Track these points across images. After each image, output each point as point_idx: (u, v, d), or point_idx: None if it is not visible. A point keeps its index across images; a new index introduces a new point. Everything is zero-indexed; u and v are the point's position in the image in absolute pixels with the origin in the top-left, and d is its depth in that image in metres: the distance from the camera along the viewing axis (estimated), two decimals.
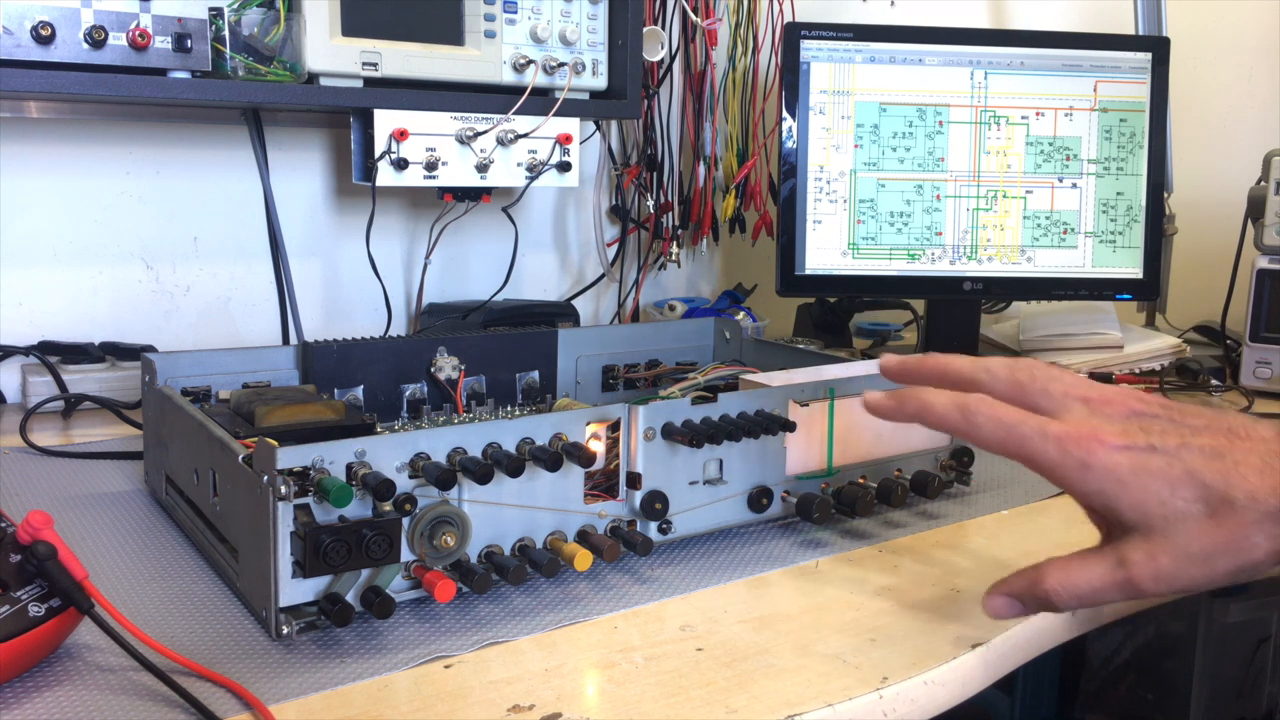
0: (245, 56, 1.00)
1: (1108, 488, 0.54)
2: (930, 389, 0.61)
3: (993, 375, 0.60)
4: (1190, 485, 0.52)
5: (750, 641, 0.61)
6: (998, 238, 1.33)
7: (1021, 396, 0.58)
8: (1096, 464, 0.54)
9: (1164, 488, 0.53)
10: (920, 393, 0.61)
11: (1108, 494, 0.54)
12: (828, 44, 1.28)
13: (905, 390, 0.62)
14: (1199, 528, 0.52)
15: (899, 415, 0.62)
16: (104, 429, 1.05)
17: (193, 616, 0.62)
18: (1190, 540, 0.52)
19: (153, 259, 1.21)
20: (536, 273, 1.47)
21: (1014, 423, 0.56)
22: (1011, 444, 0.56)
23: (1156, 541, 0.53)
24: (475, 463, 0.62)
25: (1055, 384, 0.58)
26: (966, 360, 0.62)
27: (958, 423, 0.58)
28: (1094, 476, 0.54)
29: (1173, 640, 1.22)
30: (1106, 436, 0.54)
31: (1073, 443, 0.54)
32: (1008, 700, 1.30)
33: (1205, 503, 0.52)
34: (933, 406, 0.60)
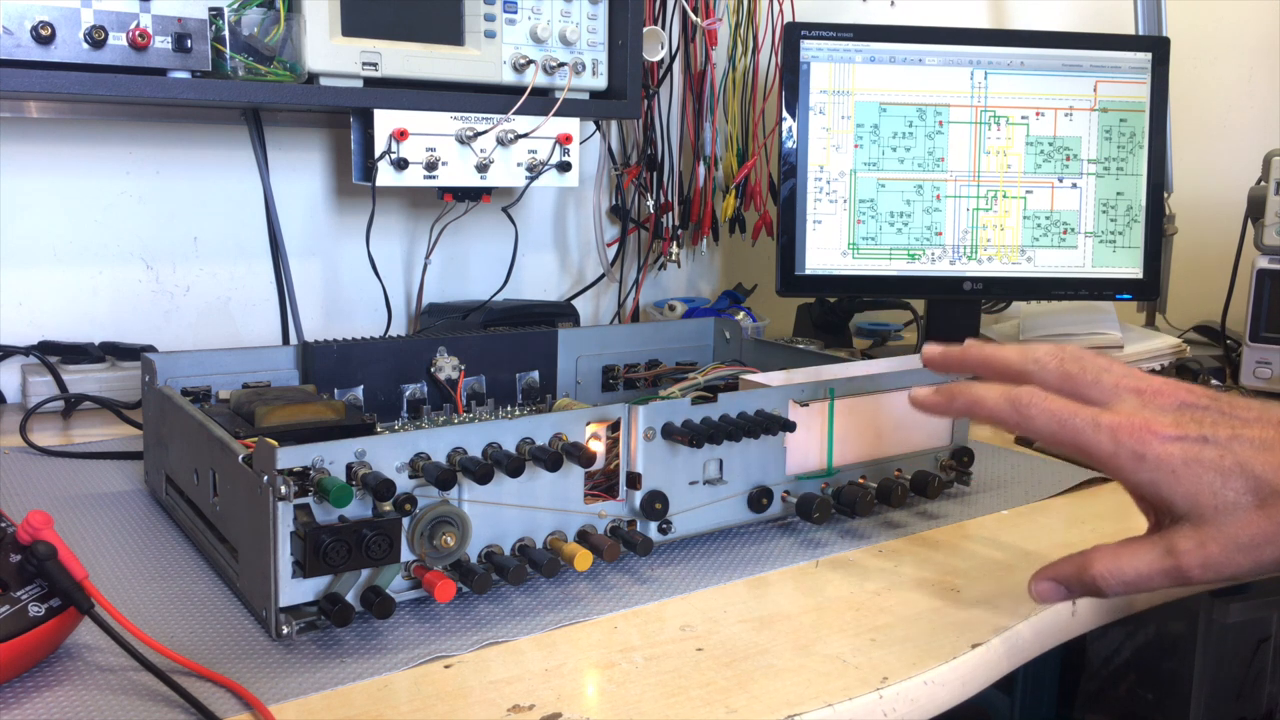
0: (245, 56, 1.00)
1: (1160, 478, 0.55)
2: (979, 383, 0.61)
3: (1042, 366, 0.60)
4: (1241, 476, 0.53)
5: (750, 641, 0.61)
6: (998, 238, 1.33)
7: (1072, 388, 0.59)
8: (1150, 454, 0.55)
9: (1216, 478, 0.54)
10: (970, 388, 0.61)
11: (1160, 484, 0.55)
12: (828, 44, 1.28)
13: (954, 385, 0.63)
14: (1248, 518, 0.53)
15: (949, 410, 0.63)
16: (104, 429, 1.05)
17: (193, 616, 0.62)
18: (1240, 530, 0.53)
19: (153, 259, 1.21)
20: (536, 273, 1.47)
21: (1067, 415, 0.57)
22: (1065, 436, 0.57)
23: (1206, 531, 0.54)
24: (475, 463, 0.62)
25: (1106, 375, 0.59)
26: (1013, 350, 0.62)
27: (1010, 417, 0.59)
28: (1147, 467, 0.55)
29: (1173, 640, 1.22)
30: (1160, 427, 0.55)
31: (1126, 433, 0.55)
32: (1008, 700, 1.30)
33: (1255, 494, 0.53)
34: (984, 401, 0.60)
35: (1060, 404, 0.58)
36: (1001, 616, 0.64)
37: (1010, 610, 0.65)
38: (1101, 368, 0.59)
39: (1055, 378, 0.59)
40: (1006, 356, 0.62)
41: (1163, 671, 1.24)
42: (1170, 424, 0.55)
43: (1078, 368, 0.59)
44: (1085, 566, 0.58)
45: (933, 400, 0.64)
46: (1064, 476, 0.91)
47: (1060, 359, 0.60)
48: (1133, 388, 0.58)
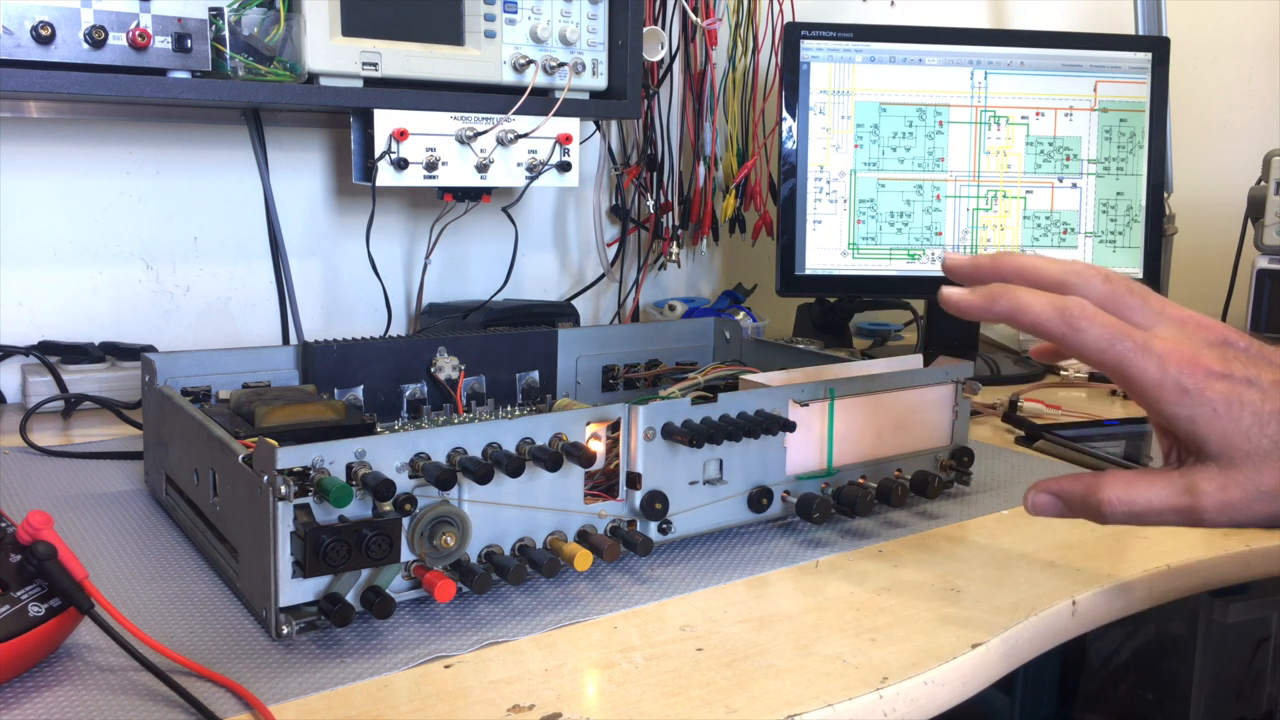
0: (245, 56, 1.00)
1: (1200, 414, 0.53)
2: (1023, 288, 0.57)
3: (1085, 280, 0.57)
4: (1278, 423, 0.52)
5: (750, 641, 0.61)
6: (998, 238, 1.33)
7: (1115, 306, 0.56)
8: (1195, 389, 0.53)
9: (1254, 423, 0.53)
10: (1013, 291, 0.56)
11: (1198, 420, 0.53)
12: (828, 44, 1.28)
13: (995, 286, 0.57)
14: (1276, 465, 0.52)
15: (987, 313, 0.57)
16: (104, 429, 1.05)
17: (193, 616, 0.62)
18: (1265, 478, 0.53)
19: (153, 259, 1.21)
20: (536, 273, 1.47)
21: (1119, 335, 0.54)
22: (1111, 356, 0.54)
23: (1231, 475, 0.53)
24: (475, 463, 0.62)
25: (1151, 299, 0.57)
26: (1051, 261, 0.58)
27: (1058, 327, 0.55)
28: (1190, 401, 0.53)
29: (1173, 640, 1.22)
30: (1208, 361, 0.54)
31: (1175, 363, 0.53)
32: (1008, 700, 1.30)
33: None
34: (1029, 306, 0.56)
35: (1111, 321, 0.54)
36: (1001, 616, 0.64)
37: (1010, 610, 0.65)
38: (1144, 291, 0.57)
39: (1100, 294, 0.56)
40: (1045, 267, 0.58)
41: (1163, 671, 1.24)
42: (1217, 360, 0.54)
43: (1123, 287, 0.57)
44: (1095, 489, 0.56)
45: (969, 300, 0.58)
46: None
47: (1104, 275, 0.57)
48: (1176, 316, 0.56)
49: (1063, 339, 0.55)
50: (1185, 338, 0.55)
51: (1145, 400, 0.55)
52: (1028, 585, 0.68)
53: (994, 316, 0.57)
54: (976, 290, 0.58)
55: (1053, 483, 0.59)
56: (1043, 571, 0.71)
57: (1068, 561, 0.73)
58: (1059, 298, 0.56)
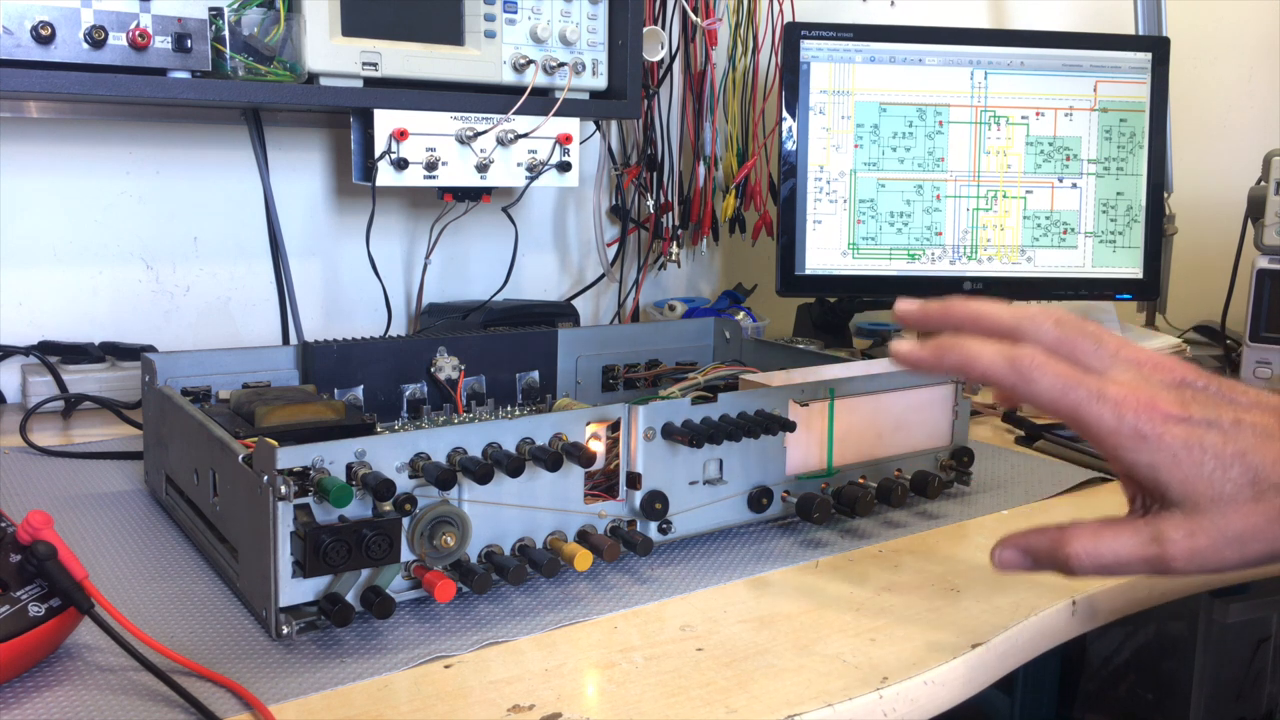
0: (245, 56, 1.00)
1: (1160, 460, 0.51)
2: (973, 338, 0.56)
3: (1037, 325, 0.55)
4: (1241, 466, 0.51)
5: (750, 641, 0.61)
6: (998, 238, 1.33)
7: (1069, 351, 0.54)
8: (1153, 434, 0.51)
9: (1216, 467, 0.51)
10: (963, 343, 0.55)
11: (1159, 467, 0.52)
12: (828, 44, 1.28)
13: (944, 339, 0.56)
14: (1242, 510, 0.51)
15: (938, 366, 0.56)
16: (104, 429, 1.05)
17: (193, 616, 0.62)
18: (1231, 522, 0.51)
19: (153, 259, 1.21)
20: (536, 273, 1.47)
21: (1072, 383, 0.52)
22: (1066, 404, 0.52)
23: (1197, 521, 0.51)
24: (475, 463, 0.62)
25: (1105, 343, 0.55)
26: (1002, 307, 0.57)
27: (1008, 378, 0.53)
28: (1149, 447, 0.51)
29: (1173, 640, 1.22)
30: (1165, 405, 0.52)
31: (1131, 409, 0.51)
32: (1008, 700, 1.30)
33: (1253, 485, 0.50)
34: (978, 358, 0.54)
35: (1065, 369, 0.53)
36: (1001, 616, 0.64)
37: (1010, 610, 0.65)
38: (1099, 335, 0.55)
39: (1052, 339, 0.55)
40: (996, 313, 0.56)
41: (1163, 671, 1.24)
42: (1175, 402, 0.52)
43: (1076, 331, 0.55)
44: (1061, 543, 0.54)
45: (919, 355, 0.56)
46: (1064, 476, 0.91)
47: (1055, 319, 0.55)
48: (1131, 359, 0.54)
49: (1014, 390, 0.54)
50: (1141, 381, 0.53)
51: (1104, 448, 0.53)
52: (1028, 585, 0.68)
53: (945, 370, 0.56)
54: (926, 344, 0.57)
55: (1019, 538, 0.57)
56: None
57: None
58: (1009, 347, 0.54)
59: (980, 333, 0.56)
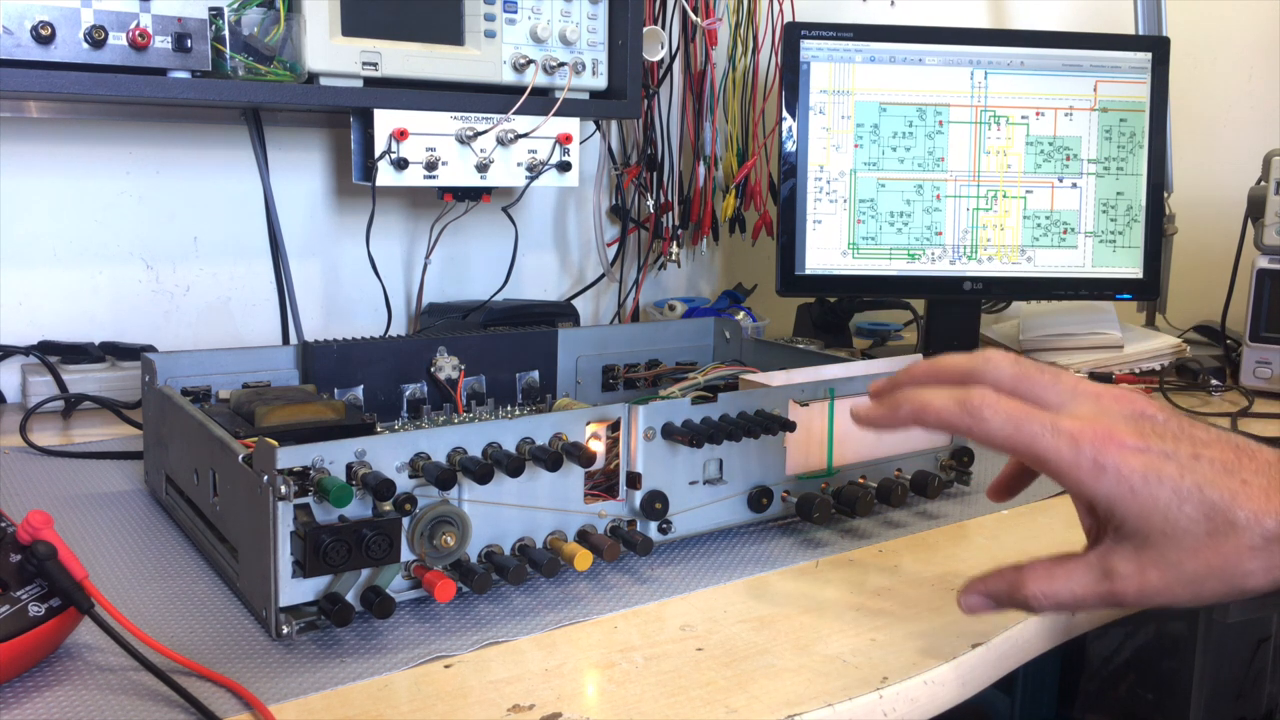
0: (245, 56, 1.00)
1: (1117, 491, 0.51)
2: (927, 388, 0.56)
3: (994, 367, 0.56)
4: (1197, 500, 0.50)
5: (750, 641, 0.61)
6: (998, 237, 1.33)
7: (1027, 389, 0.55)
8: (1111, 465, 0.51)
9: (1172, 499, 0.50)
10: (915, 392, 0.56)
11: (1115, 497, 0.51)
12: (828, 44, 1.28)
13: (898, 393, 0.57)
14: (1195, 547, 0.50)
15: (894, 421, 0.57)
16: (104, 429, 1.05)
17: (193, 616, 0.62)
18: (1184, 559, 0.50)
19: (153, 259, 1.21)
20: (536, 273, 1.47)
21: (1023, 418, 0.52)
22: (1020, 441, 0.52)
23: (1148, 556, 0.51)
24: (475, 463, 0.62)
25: (1062, 379, 0.55)
26: (960, 356, 0.58)
27: (959, 419, 0.54)
28: (1106, 479, 0.51)
29: (1173, 640, 1.22)
30: (1123, 436, 0.51)
31: (1088, 440, 0.51)
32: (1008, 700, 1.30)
33: (1208, 520, 0.49)
34: (930, 404, 0.55)
35: (1015, 405, 0.53)
36: (1001, 616, 0.64)
37: (1010, 611, 0.65)
38: (1055, 372, 0.56)
39: (1009, 379, 0.55)
40: (954, 360, 0.57)
41: (1163, 671, 1.24)
42: (1133, 433, 0.51)
43: (1034, 369, 0.55)
44: (1018, 585, 0.54)
45: (876, 413, 0.57)
46: None
47: (1013, 360, 0.56)
48: (1089, 392, 0.54)
49: (969, 431, 0.54)
50: (1100, 413, 0.53)
51: (1063, 480, 0.53)
52: None
53: (900, 423, 0.57)
54: (882, 400, 0.57)
55: (980, 583, 0.57)
56: None
57: None
58: (961, 389, 0.54)
59: (940, 381, 0.57)
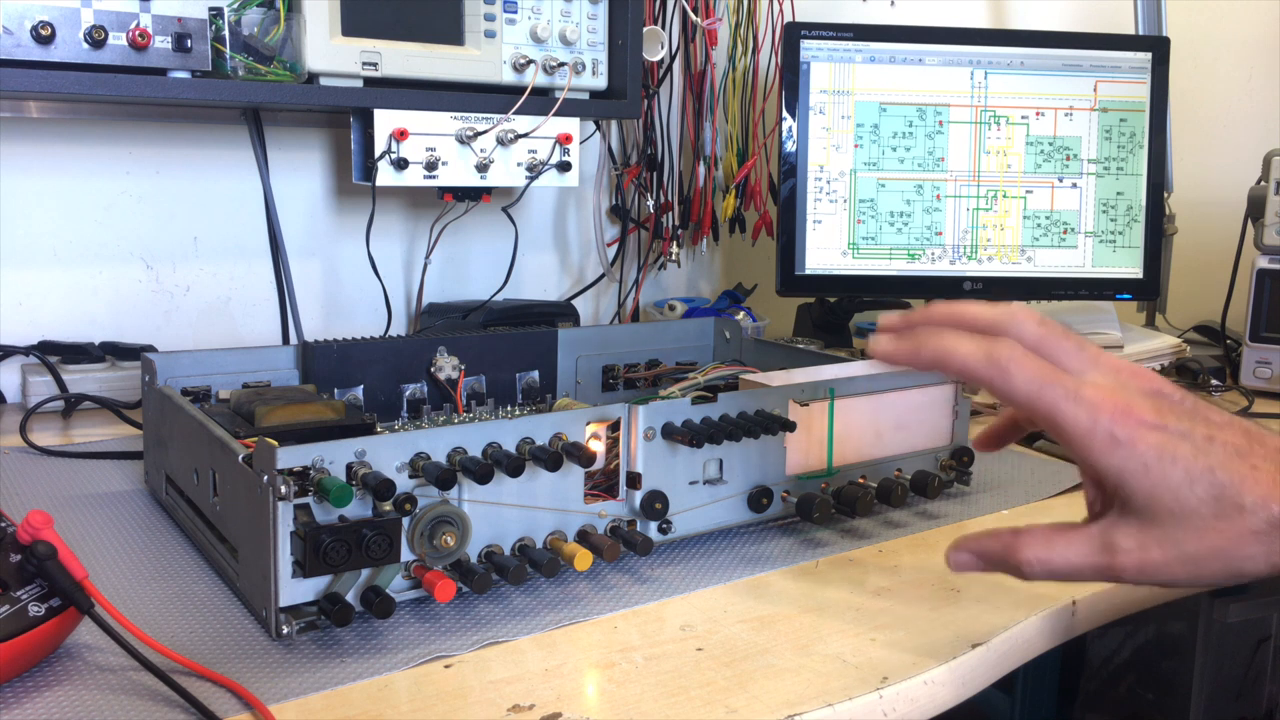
0: (245, 56, 1.00)
1: (1130, 466, 0.50)
2: (952, 332, 0.55)
3: (1018, 323, 0.54)
4: (1208, 482, 0.50)
5: (750, 641, 0.61)
6: (998, 237, 1.33)
7: (1049, 350, 0.54)
8: (1127, 440, 0.50)
9: (1183, 479, 0.50)
10: (940, 335, 0.54)
11: (1127, 472, 0.51)
12: (828, 44, 1.28)
13: (922, 331, 0.55)
14: (1200, 528, 0.50)
15: (915, 360, 0.55)
16: (104, 429, 1.05)
17: (193, 616, 0.62)
18: (1187, 540, 0.50)
19: (153, 259, 1.21)
20: (536, 273, 1.47)
21: (1048, 380, 0.52)
22: (1041, 403, 0.52)
23: (1152, 533, 0.51)
24: (475, 462, 0.62)
25: (1086, 347, 0.54)
26: (985, 305, 0.56)
27: (985, 371, 0.53)
28: (1121, 452, 0.51)
29: (1173, 640, 1.22)
30: (1141, 412, 0.51)
31: (1107, 412, 0.51)
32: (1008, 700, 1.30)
33: (1216, 502, 0.49)
34: (955, 351, 0.54)
35: (1041, 365, 0.52)
36: (1001, 616, 0.64)
37: (1010, 610, 0.65)
38: (1079, 339, 0.55)
39: (1033, 337, 0.54)
40: (977, 310, 0.56)
41: (1163, 671, 1.24)
42: (1151, 410, 0.51)
43: (1058, 332, 0.55)
44: (1013, 549, 0.54)
45: (895, 348, 0.56)
46: (1064, 477, 0.91)
47: (1039, 319, 0.55)
48: (1110, 365, 0.54)
49: (990, 383, 0.53)
50: (1119, 386, 0.52)
51: (1076, 448, 0.52)
52: (1028, 585, 0.68)
53: (921, 363, 0.55)
54: (903, 338, 0.56)
55: (972, 541, 0.57)
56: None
57: None
58: (988, 340, 0.53)
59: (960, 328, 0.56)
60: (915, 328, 0.57)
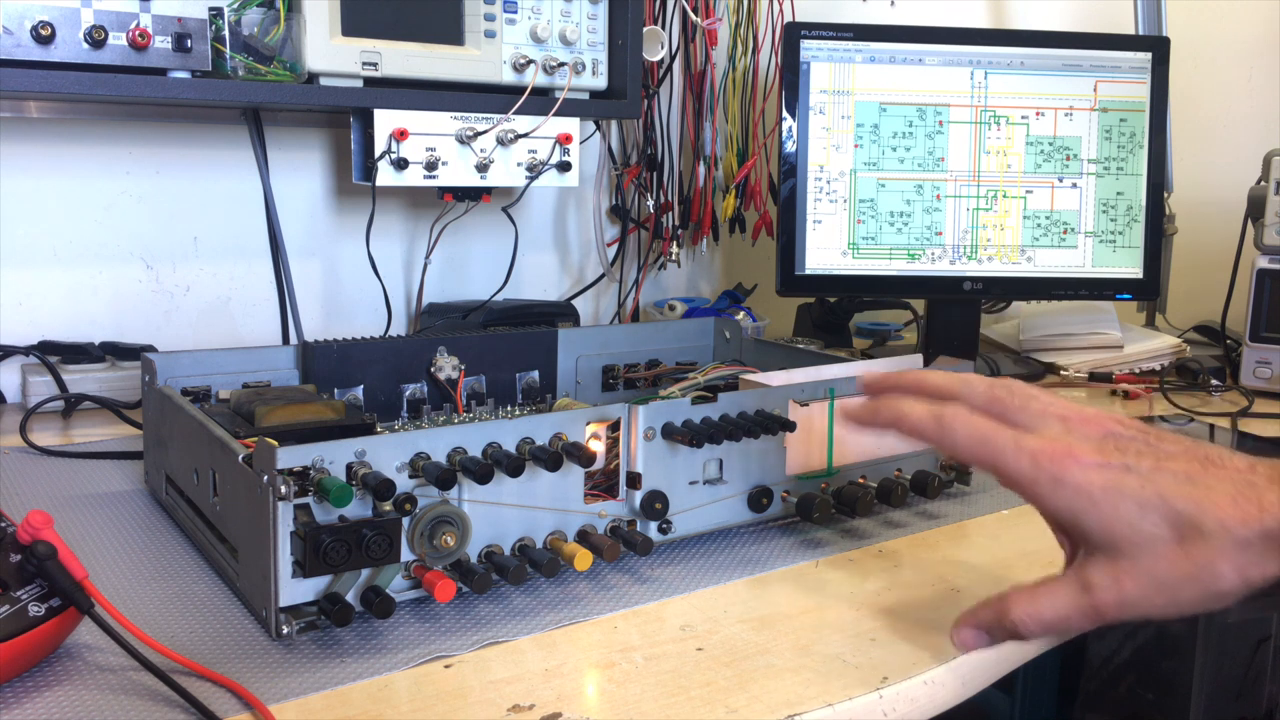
0: (245, 56, 1.00)
1: (1078, 505, 0.53)
2: (907, 399, 0.60)
3: (970, 388, 0.59)
4: (1161, 509, 0.51)
5: (750, 641, 0.61)
6: (998, 237, 1.33)
7: (999, 410, 0.58)
8: (1069, 480, 0.53)
9: (1134, 509, 0.51)
10: (897, 401, 0.60)
11: (1077, 511, 0.53)
12: (828, 44, 1.28)
13: (882, 399, 0.62)
14: (1167, 553, 0.51)
15: (875, 422, 0.61)
16: (104, 429, 1.05)
17: (193, 616, 0.62)
18: (1156, 566, 0.51)
19: (153, 259, 1.21)
20: (536, 273, 1.47)
21: (989, 434, 0.55)
22: (985, 455, 0.55)
23: (1122, 565, 0.52)
24: (475, 462, 0.62)
25: (1034, 401, 0.58)
26: (945, 374, 0.62)
27: (932, 431, 0.58)
28: (1065, 493, 0.53)
29: (1173, 640, 1.22)
30: (1081, 453, 0.53)
31: (1046, 458, 0.53)
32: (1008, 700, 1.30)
33: (1175, 528, 0.51)
34: (908, 415, 0.59)
35: (982, 423, 0.56)
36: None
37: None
38: (1030, 394, 0.58)
39: (983, 400, 0.58)
40: (937, 379, 0.61)
41: (1163, 671, 1.24)
42: (1093, 450, 0.53)
43: (1005, 392, 0.58)
44: (1004, 611, 0.56)
45: (859, 412, 0.62)
46: None
47: (990, 383, 0.59)
48: (1059, 414, 0.56)
49: (938, 442, 0.57)
50: (1064, 433, 0.55)
51: (1025, 496, 0.55)
52: None
53: (879, 425, 0.61)
54: (868, 402, 0.62)
55: (969, 616, 0.58)
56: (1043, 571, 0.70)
57: None
58: (938, 404, 0.58)
59: (923, 395, 0.61)
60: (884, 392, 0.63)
